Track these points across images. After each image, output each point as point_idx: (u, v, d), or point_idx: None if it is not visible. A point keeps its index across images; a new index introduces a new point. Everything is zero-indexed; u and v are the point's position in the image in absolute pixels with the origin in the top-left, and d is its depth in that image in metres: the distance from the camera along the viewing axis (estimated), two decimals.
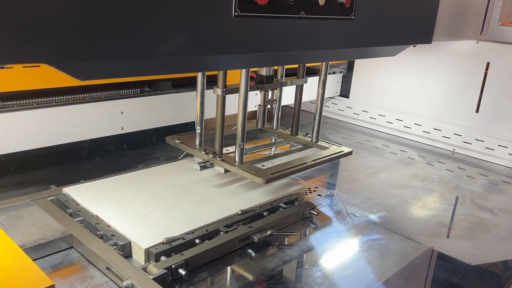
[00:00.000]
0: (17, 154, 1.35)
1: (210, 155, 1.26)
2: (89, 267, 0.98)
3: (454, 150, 2.01)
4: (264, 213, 1.20)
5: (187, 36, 0.76)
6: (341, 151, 1.40)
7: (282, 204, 1.26)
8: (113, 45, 0.68)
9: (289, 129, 1.53)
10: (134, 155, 1.57)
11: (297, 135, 1.51)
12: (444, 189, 1.45)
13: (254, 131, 1.48)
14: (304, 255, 1.14)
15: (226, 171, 1.24)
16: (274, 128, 1.54)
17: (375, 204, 1.42)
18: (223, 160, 1.24)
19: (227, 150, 1.32)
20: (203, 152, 1.28)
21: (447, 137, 2.03)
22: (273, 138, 1.54)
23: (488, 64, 1.89)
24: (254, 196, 1.27)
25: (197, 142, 1.32)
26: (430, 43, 1.34)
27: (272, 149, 1.43)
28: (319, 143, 1.46)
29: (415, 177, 1.67)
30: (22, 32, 0.59)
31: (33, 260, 0.90)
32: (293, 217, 1.25)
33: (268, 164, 1.34)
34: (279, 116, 1.52)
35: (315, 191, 1.46)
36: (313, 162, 1.28)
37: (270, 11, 0.86)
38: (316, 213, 1.28)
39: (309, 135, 1.49)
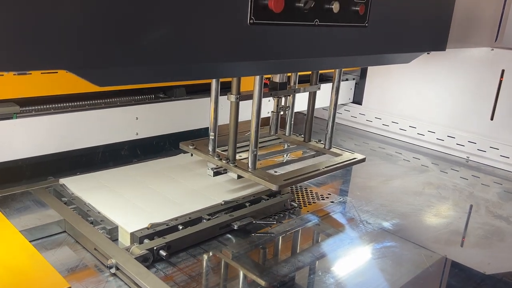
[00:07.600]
0: (33, 159, 1.37)
1: (224, 161, 1.27)
2: (104, 271, 0.99)
3: (468, 157, 2.00)
4: (246, 204, 1.26)
5: (203, 43, 0.78)
6: (354, 158, 1.41)
7: (264, 196, 1.32)
8: (130, 52, 0.69)
9: (302, 135, 1.54)
10: (148, 161, 1.58)
11: (310, 141, 1.51)
12: (458, 197, 1.43)
13: (267, 137, 1.49)
14: (317, 261, 1.14)
15: (239, 177, 1.25)
16: (287, 134, 1.55)
17: (389, 212, 1.41)
18: (236, 166, 1.25)
19: (240, 156, 1.33)
20: (216, 158, 1.30)
21: (461, 145, 2.01)
22: (286, 145, 1.54)
23: (503, 71, 1.87)
24: (239, 189, 1.34)
25: (211, 148, 1.33)
26: (444, 50, 1.33)
27: (285, 155, 1.43)
28: (332, 149, 1.46)
29: (428, 185, 1.66)
30: (42, 39, 0.60)
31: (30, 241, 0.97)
32: (273, 208, 1.30)
33: (281, 171, 1.35)
34: (292, 122, 1.53)
35: (327, 197, 1.46)
36: (326, 169, 1.29)
37: (285, 18, 0.87)
38: (296, 205, 1.33)
39: (322, 142, 1.49)
